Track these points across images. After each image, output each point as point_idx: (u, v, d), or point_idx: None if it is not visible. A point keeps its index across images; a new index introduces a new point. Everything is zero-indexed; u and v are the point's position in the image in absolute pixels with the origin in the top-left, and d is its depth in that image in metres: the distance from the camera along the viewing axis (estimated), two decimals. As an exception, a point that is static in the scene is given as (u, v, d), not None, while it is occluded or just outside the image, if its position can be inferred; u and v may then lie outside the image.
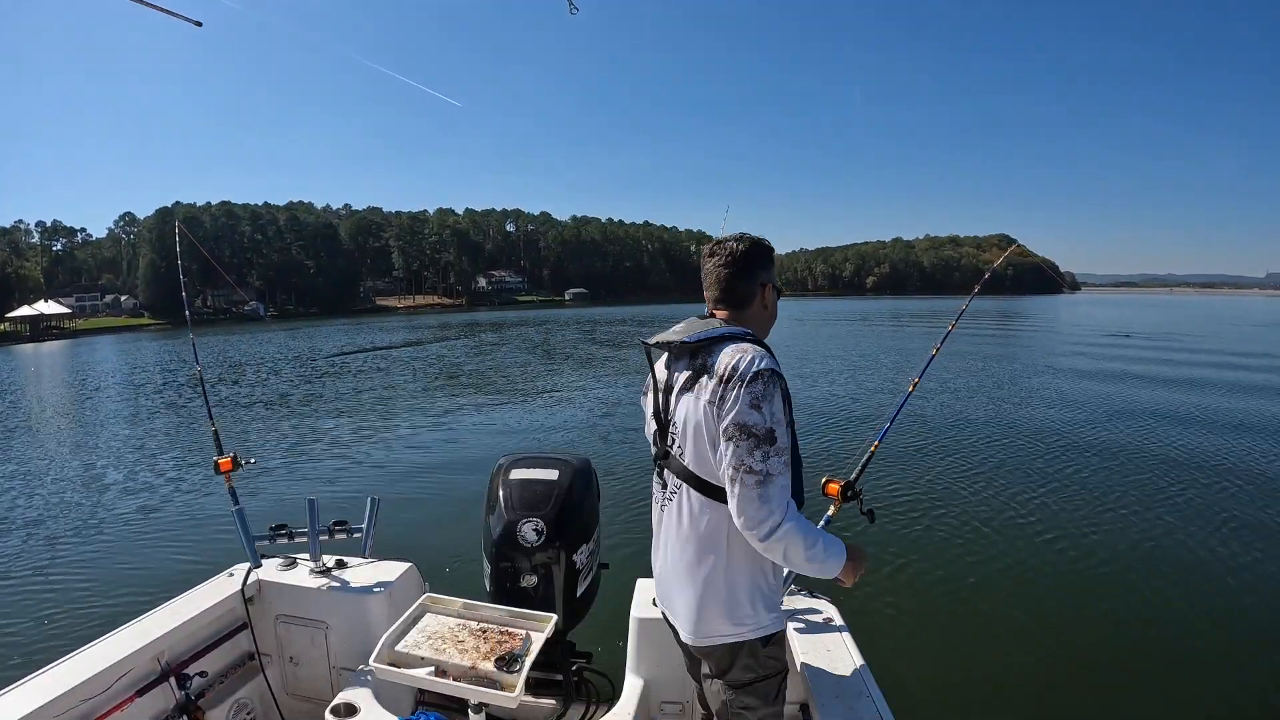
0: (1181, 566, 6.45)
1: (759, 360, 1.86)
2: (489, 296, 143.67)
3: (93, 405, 20.24)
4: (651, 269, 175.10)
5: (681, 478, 2.01)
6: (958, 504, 8.17)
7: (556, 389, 19.14)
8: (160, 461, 11.76)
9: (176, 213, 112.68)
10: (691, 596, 2.02)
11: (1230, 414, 13.44)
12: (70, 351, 50.26)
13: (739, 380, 1.83)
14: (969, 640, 5.33)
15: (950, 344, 3.12)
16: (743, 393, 1.82)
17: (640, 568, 2.76)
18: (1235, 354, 26.87)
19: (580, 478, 2.99)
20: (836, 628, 2.75)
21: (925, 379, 3.12)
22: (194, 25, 2.88)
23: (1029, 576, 6.34)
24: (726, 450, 1.83)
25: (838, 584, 2.07)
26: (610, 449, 11.31)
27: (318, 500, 3.21)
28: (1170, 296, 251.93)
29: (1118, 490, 8.63)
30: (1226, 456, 10.16)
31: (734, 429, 1.82)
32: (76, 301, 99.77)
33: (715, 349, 1.94)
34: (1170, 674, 4.87)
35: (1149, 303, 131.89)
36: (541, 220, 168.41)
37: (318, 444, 12.58)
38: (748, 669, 2.04)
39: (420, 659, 2.21)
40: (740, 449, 1.81)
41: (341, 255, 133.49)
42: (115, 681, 2.49)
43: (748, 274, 2.10)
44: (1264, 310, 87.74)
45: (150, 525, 8.39)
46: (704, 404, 1.90)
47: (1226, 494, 8.45)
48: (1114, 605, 5.82)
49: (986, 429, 12.24)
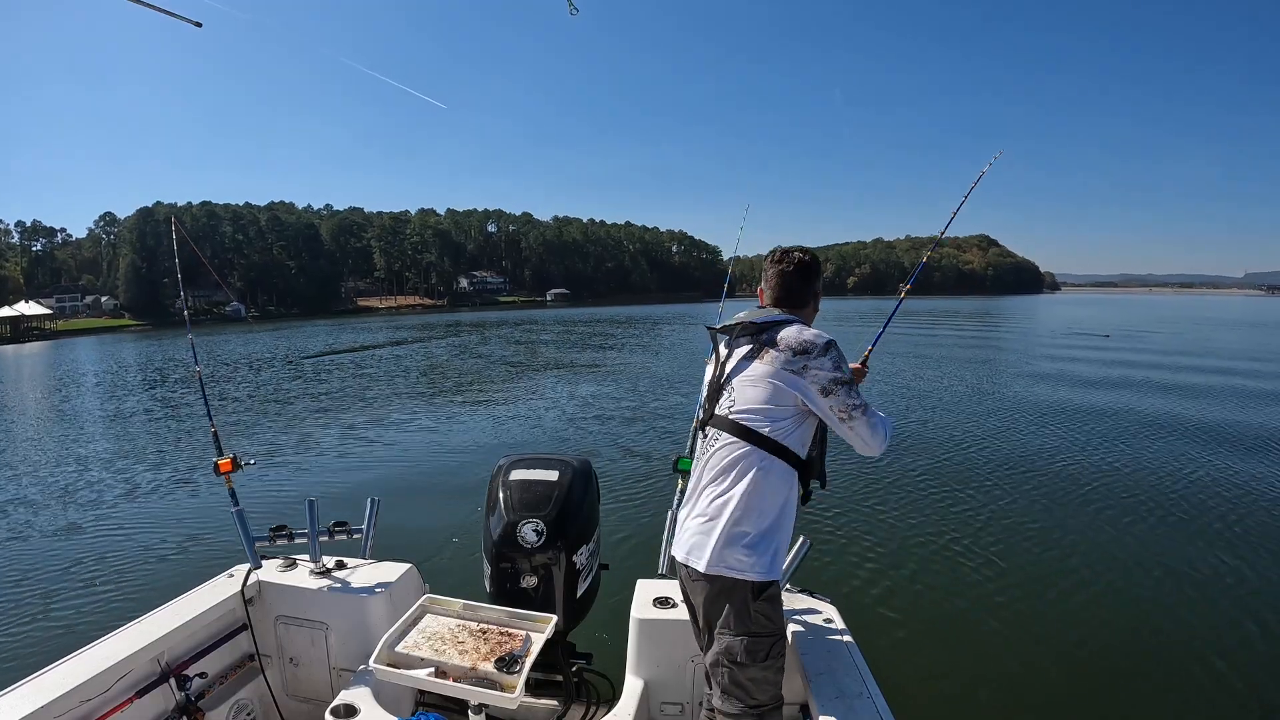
0: (1184, 568, 6.47)
1: (824, 335, 2.32)
2: (470, 297, 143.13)
3: (86, 407, 20.01)
4: (633, 269, 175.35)
5: (723, 428, 2.33)
6: (957, 504, 8.20)
7: (556, 389, 19.17)
8: (159, 462, 11.67)
9: (157, 212, 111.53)
10: (702, 523, 2.29)
11: (1228, 414, 13.55)
12: (53, 353, 49.42)
13: (819, 350, 2.27)
14: (969, 640, 5.35)
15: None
16: (825, 359, 2.26)
17: (640, 568, 2.78)
18: (1214, 355, 27.21)
19: (580, 479, 2.99)
20: (836, 628, 2.78)
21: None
22: (194, 26, 2.88)
23: (1029, 577, 6.35)
24: (831, 401, 2.25)
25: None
26: (610, 450, 11.27)
27: (317, 501, 3.21)
28: (1149, 296, 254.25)
29: (1119, 491, 8.67)
30: (1228, 458, 10.20)
31: (831, 384, 2.25)
32: (57, 302, 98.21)
33: (776, 329, 2.35)
34: (1171, 675, 4.88)
35: (1127, 302, 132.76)
36: (523, 221, 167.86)
37: (317, 445, 12.52)
38: (740, 618, 2.23)
39: (420, 660, 2.22)
40: (841, 395, 2.25)
41: (323, 255, 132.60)
42: (115, 682, 2.48)
43: (807, 281, 2.54)
44: (1242, 309, 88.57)
45: (150, 526, 8.33)
46: (777, 368, 2.28)
47: (1228, 496, 8.47)
48: (1114, 605, 5.85)
49: (986, 430, 12.26)
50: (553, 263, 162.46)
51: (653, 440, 11.78)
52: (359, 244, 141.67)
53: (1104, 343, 32.32)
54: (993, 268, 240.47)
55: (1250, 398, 16.06)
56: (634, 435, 12.20)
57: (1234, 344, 33.20)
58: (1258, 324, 54.22)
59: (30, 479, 11.03)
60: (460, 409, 16.20)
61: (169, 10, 2.77)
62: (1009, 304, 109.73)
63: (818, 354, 2.26)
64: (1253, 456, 10.37)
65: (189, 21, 2.85)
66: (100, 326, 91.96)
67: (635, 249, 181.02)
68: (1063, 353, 26.95)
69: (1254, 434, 11.93)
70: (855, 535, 7.18)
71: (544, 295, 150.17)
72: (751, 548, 2.21)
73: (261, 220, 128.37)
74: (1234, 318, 63.52)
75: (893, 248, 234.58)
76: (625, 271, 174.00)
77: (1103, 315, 67.27)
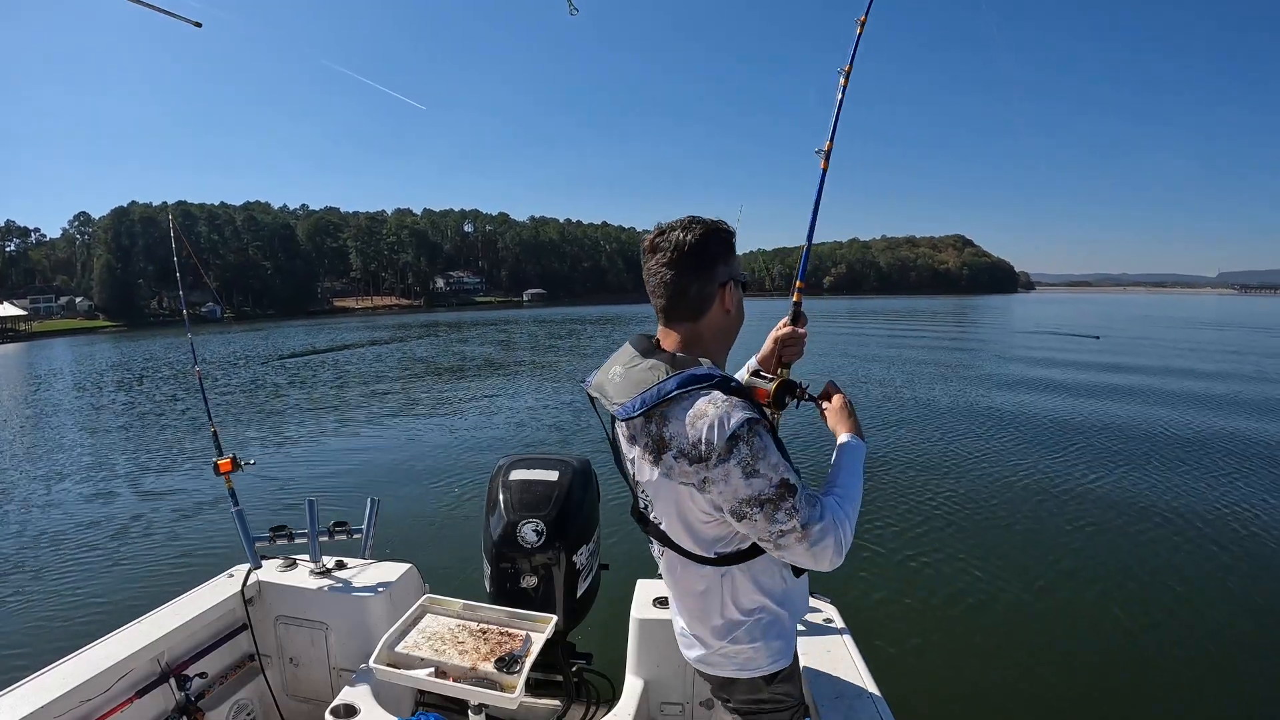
0: (1188, 570, 6.45)
1: (728, 419, 1.49)
2: (447, 297, 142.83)
3: (77, 408, 19.76)
4: (610, 269, 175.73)
5: (661, 541, 1.77)
6: (957, 505, 8.22)
7: (555, 389, 19.09)
8: (159, 462, 11.58)
9: (132, 212, 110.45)
10: (692, 638, 1.87)
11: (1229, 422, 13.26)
12: (31, 354, 48.65)
13: (718, 457, 1.49)
14: (969, 640, 5.34)
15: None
16: (731, 468, 1.49)
17: (640, 568, 2.78)
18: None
19: (580, 478, 2.97)
20: (837, 629, 2.77)
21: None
22: (194, 26, 2.88)
23: (1030, 577, 6.35)
24: (745, 526, 1.56)
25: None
26: (610, 449, 11.15)
27: (317, 501, 3.20)
28: (1124, 295, 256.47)
29: (1119, 490, 8.67)
30: (1234, 464, 10.04)
31: (743, 507, 1.53)
32: (31, 303, 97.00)
33: (669, 413, 1.55)
34: (1171, 675, 4.88)
35: (1102, 301, 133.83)
36: (500, 221, 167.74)
37: (317, 445, 12.46)
38: (753, 700, 1.86)
39: (420, 660, 2.21)
40: (761, 521, 1.53)
41: (299, 256, 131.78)
42: (115, 682, 2.48)
43: (702, 273, 1.65)
44: (1215, 309, 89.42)
45: (150, 526, 8.26)
46: (678, 485, 1.62)
47: (1230, 499, 8.40)
48: (1114, 605, 5.83)
49: (985, 430, 12.21)
50: (529, 263, 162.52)
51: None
52: (335, 244, 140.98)
53: (1094, 344, 32.02)
54: (968, 267, 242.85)
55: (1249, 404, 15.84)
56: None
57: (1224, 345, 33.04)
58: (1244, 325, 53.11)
59: (29, 479, 10.93)
60: (460, 409, 16.08)
61: (169, 10, 2.76)
62: (985, 303, 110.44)
63: (718, 460, 1.49)
64: (1257, 461, 10.23)
65: (189, 22, 2.85)
66: (76, 328, 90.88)
67: (612, 249, 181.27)
68: (1056, 355, 26.76)
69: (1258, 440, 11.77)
70: (855, 535, 7.13)
71: (520, 295, 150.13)
72: (746, 645, 1.77)
73: (237, 220, 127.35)
74: (1215, 319, 62.94)
75: (868, 247, 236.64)
76: (602, 271, 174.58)
77: (1080, 314, 67.62)
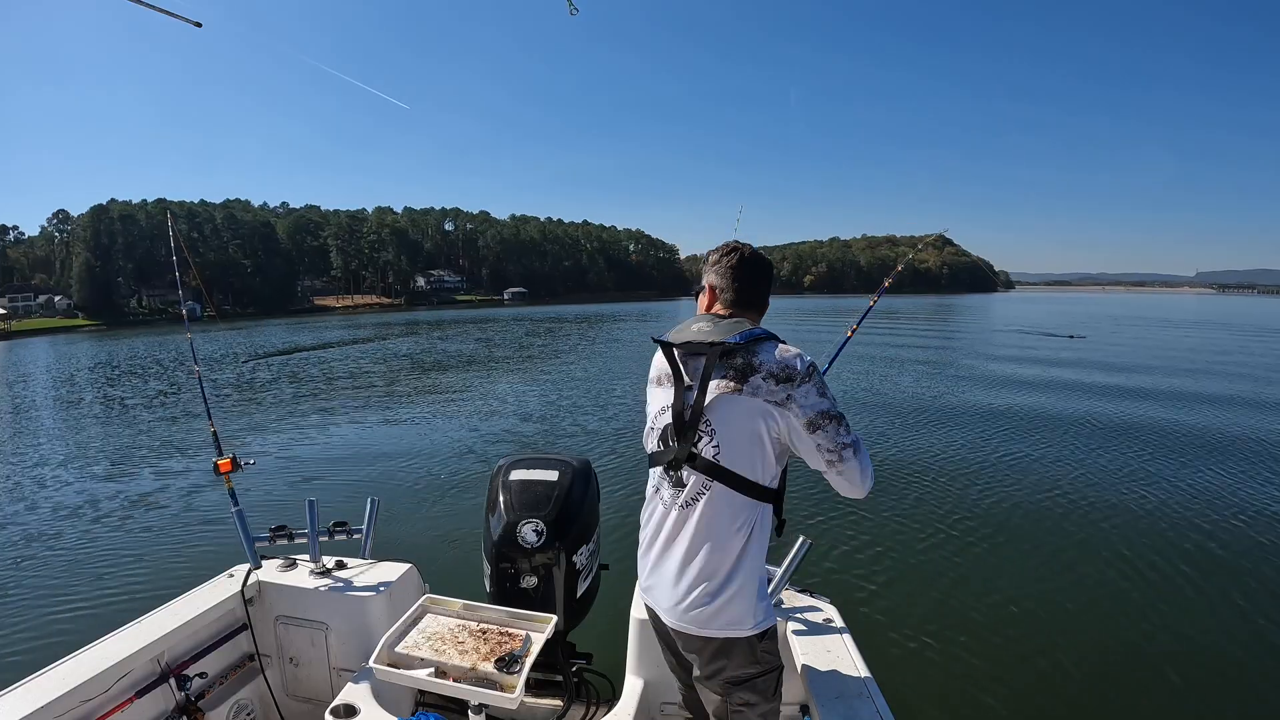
0: (1188, 570, 6.44)
1: (805, 356, 1.98)
2: (427, 296, 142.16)
3: (70, 406, 19.63)
4: (590, 268, 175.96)
5: (712, 475, 2.00)
6: (957, 505, 8.23)
7: (553, 388, 19.07)
8: (159, 462, 11.47)
9: (112, 210, 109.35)
10: (699, 591, 2.04)
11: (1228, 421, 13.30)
12: (14, 353, 47.74)
13: (801, 375, 1.93)
14: (969, 640, 5.33)
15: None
16: (809, 386, 1.94)
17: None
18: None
19: (580, 478, 2.98)
20: (836, 628, 2.78)
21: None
22: (194, 26, 2.88)
23: (1029, 576, 6.37)
24: (818, 437, 1.93)
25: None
26: (610, 449, 11.20)
27: (317, 501, 3.20)
28: (1103, 295, 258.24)
29: (1120, 493, 8.63)
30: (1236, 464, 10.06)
31: (819, 418, 1.93)
32: (10, 302, 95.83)
33: (757, 349, 1.98)
34: (1171, 674, 4.86)
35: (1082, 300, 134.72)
36: (480, 219, 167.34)
37: (317, 445, 12.38)
38: (747, 664, 2.07)
39: (420, 660, 2.21)
40: (830, 431, 1.93)
41: (279, 254, 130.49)
42: (115, 682, 2.48)
43: (766, 276, 2.23)
44: (1194, 308, 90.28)
45: (150, 526, 8.22)
46: (761, 401, 1.95)
47: (1232, 501, 8.37)
48: (1114, 605, 5.84)
49: (985, 431, 12.20)
50: (510, 261, 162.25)
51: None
52: (315, 242, 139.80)
53: (1079, 343, 32.12)
54: (948, 266, 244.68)
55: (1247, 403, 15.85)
56: (634, 435, 11.97)
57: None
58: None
59: (29, 479, 10.82)
60: (460, 409, 15.99)
61: (169, 10, 2.76)
62: (967, 301, 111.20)
63: (800, 380, 1.94)
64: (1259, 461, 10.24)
65: (189, 22, 2.85)
66: (56, 326, 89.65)
67: (593, 248, 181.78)
68: (1046, 355, 26.91)
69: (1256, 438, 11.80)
70: (855, 535, 7.15)
71: (501, 294, 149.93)
72: (748, 599, 2.04)
73: (217, 218, 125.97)
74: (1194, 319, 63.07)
75: (849, 247, 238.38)
76: (583, 270, 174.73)
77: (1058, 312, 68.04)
